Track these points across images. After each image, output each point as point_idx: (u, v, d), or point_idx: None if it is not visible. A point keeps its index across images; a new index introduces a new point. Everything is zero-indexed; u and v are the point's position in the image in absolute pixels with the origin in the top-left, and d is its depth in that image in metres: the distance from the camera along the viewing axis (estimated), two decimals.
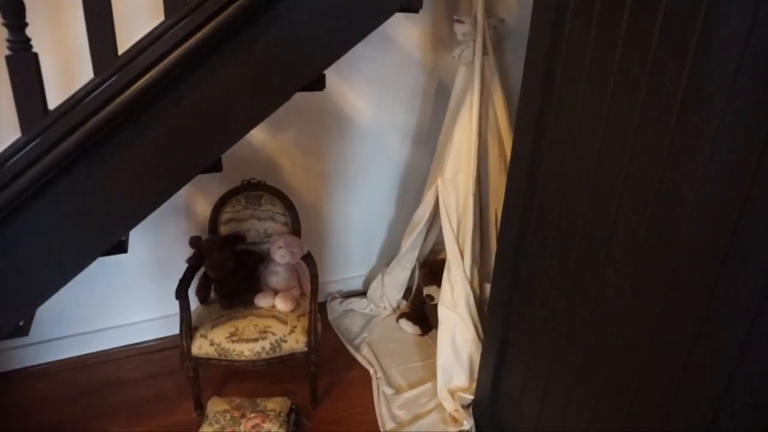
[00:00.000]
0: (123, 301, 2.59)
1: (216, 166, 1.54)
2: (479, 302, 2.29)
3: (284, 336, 2.07)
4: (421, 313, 2.74)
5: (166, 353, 2.62)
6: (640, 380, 1.46)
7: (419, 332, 2.70)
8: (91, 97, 1.25)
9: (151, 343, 2.67)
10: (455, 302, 2.25)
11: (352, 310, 2.87)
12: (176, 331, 2.65)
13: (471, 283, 2.26)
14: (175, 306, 2.64)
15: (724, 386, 1.24)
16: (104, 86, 1.25)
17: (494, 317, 2.03)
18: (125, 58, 1.27)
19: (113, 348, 2.63)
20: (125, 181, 1.35)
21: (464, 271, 2.25)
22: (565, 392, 1.75)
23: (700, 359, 1.28)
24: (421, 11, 2.04)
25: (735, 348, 1.19)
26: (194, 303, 2.20)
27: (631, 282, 1.43)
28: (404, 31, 2.64)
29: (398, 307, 2.87)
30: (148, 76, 1.26)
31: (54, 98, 1.31)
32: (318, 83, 1.54)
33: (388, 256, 3.03)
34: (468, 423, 2.13)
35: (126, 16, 1.44)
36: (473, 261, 2.27)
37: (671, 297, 1.32)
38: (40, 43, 1.32)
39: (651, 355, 1.41)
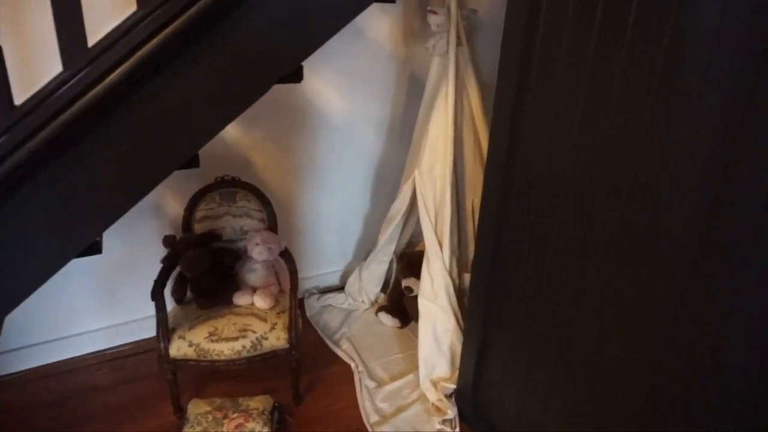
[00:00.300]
0: (92, 306, 2.50)
1: (193, 162, 1.50)
2: (459, 292, 2.31)
3: (265, 333, 2.03)
4: (399, 305, 2.75)
5: (138, 358, 2.54)
6: (616, 377, 1.49)
7: (398, 325, 2.70)
8: (60, 91, 1.20)
9: (122, 348, 2.59)
10: (435, 293, 2.26)
11: (330, 305, 2.85)
12: (147, 334, 2.60)
13: (450, 274, 2.27)
14: (145, 309, 2.57)
15: (699, 384, 1.27)
16: (75, 80, 1.20)
17: (474, 312, 2.05)
18: (96, 50, 1.22)
19: (83, 355, 2.53)
20: (100, 178, 1.30)
21: (443, 262, 2.26)
22: (544, 385, 1.77)
23: (676, 357, 1.31)
24: (393, 2, 2.04)
25: (712, 345, 1.22)
26: (170, 304, 2.14)
27: (608, 280, 1.46)
28: (375, 24, 2.63)
29: (376, 301, 2.87)
30: (121, 68, 1.21)
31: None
32: (296, 75, 1.52)
33: (364, 250, 3.02)
34: (452, 412, 2.15)
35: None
36: (452, 252, 2.28)
37: (647, 296, 1.35)
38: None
39: (627, 352, 1.44)
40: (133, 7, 1.26)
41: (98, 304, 2.51)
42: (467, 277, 2.43)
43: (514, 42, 1.67)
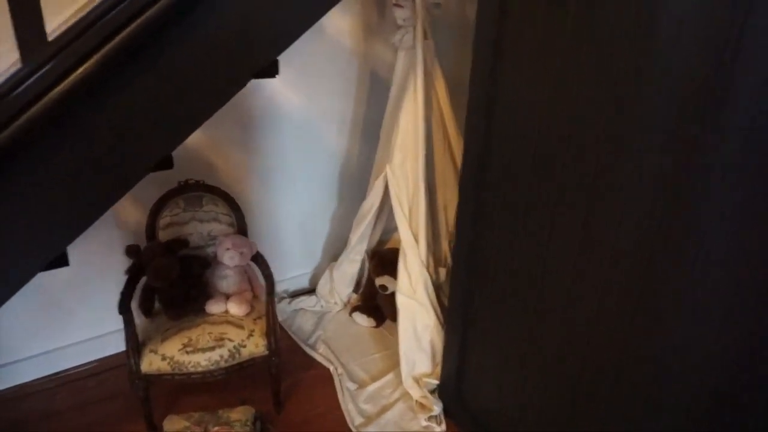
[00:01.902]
0: (43, 325, 2.33)
1: (167, 163, 1.41)
2: (435, 287, 2.30)
3: (243, 341, 1.95)
4: (373, 304, 2.71)
5: (101, 377, 2.39)
6: (598, 367, 1.51)
7: (373, 324, 2.67)
8: (20, 89, 1.09)
9: (82, 369, 2.43)
10: (414, 289, 2.24)
11: (302, 308, 2.79)
12: (108, 352, 2.46)
13: (427, 269, 2.26)
14: (104, 325, 2.43)
15: (667, 370, 1.31)
16: (36, 76, 1.10)
17: (453, 306, 2.04)
18: (59, 43, 1.12)
19: (37, 379, 2.35)
20: (67, 182, 1.19)
21: (420, 257, 2.24)
22: (527, 377, 1.78)
23: (636, 352, 1.35)
24: None
25: (675, 325, 1.27)
26: (137, 317, 2.01)
27: (586, 271, 1.47)
28: (334, 20, 2.58)
29: (349, 301, 2.82)
30: (88, 63, 1.12)
31: None
32: (271, 70, 1.46)
33: (332, 250, 2.97)
34: (437, 408, 2.13)
35: None
36: (427, 246, 2.27)
37: (613, 284, 1.38)
38: None
39: (609, 344, 1.46)
40: None
41: (51, 323, 2.34)
42: (443, 271, 2.44)
43: (487, 29, 1.66)
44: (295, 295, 2.89)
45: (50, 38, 1.13)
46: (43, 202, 1.17)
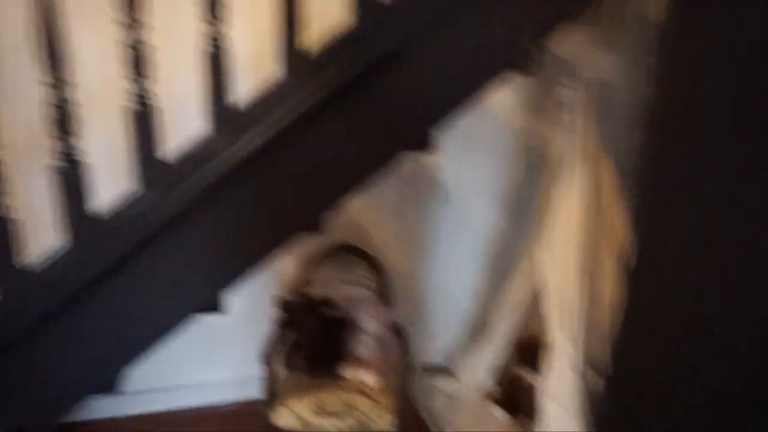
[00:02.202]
0: (194, 357, 2.49)
1: (318, 228, 1.49)
2: (587, 391, 2.04)
3: (371, 413, 1.91)
4: (512, 397, 2.50)
5: (239, 419, 2.48)
6: None
7: (511, 419, 2.45)
8: (207, 154, 1.24)
9: (222, 408, 2.55)
10: (558, 391, 2.02)
11: (436, 387, 2.67)
12: (250, 395, 2.56)
13: (577, 370, 2.03)
14: (251, 368, 2.55)
15: None
16: (228, 145, 1.24)
17: (611, 418, 1.78)
18: (247, 115, 1.27)
19: (178, 409, 2.50)
20: (223, 240, 1.32)
21: (569, 356, 2.03)
22: None
23: None
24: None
25: None
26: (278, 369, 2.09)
27: None
28: (495, 94, 2.57)
29: (486, 389, 2.63)
30: (269, 133, 1.24)
31: None
32: (423, 144, 1.50)
33: (475, 331, 2.83)
34: None
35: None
36: (580, 345, 2.05)
37: None
38: None
39: None
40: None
41: (201, 356, 2.49)
42: (599, 378, 2.17)
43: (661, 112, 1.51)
44: (430, 369, 2.79)
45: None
46: (200, 253, 1.30)
